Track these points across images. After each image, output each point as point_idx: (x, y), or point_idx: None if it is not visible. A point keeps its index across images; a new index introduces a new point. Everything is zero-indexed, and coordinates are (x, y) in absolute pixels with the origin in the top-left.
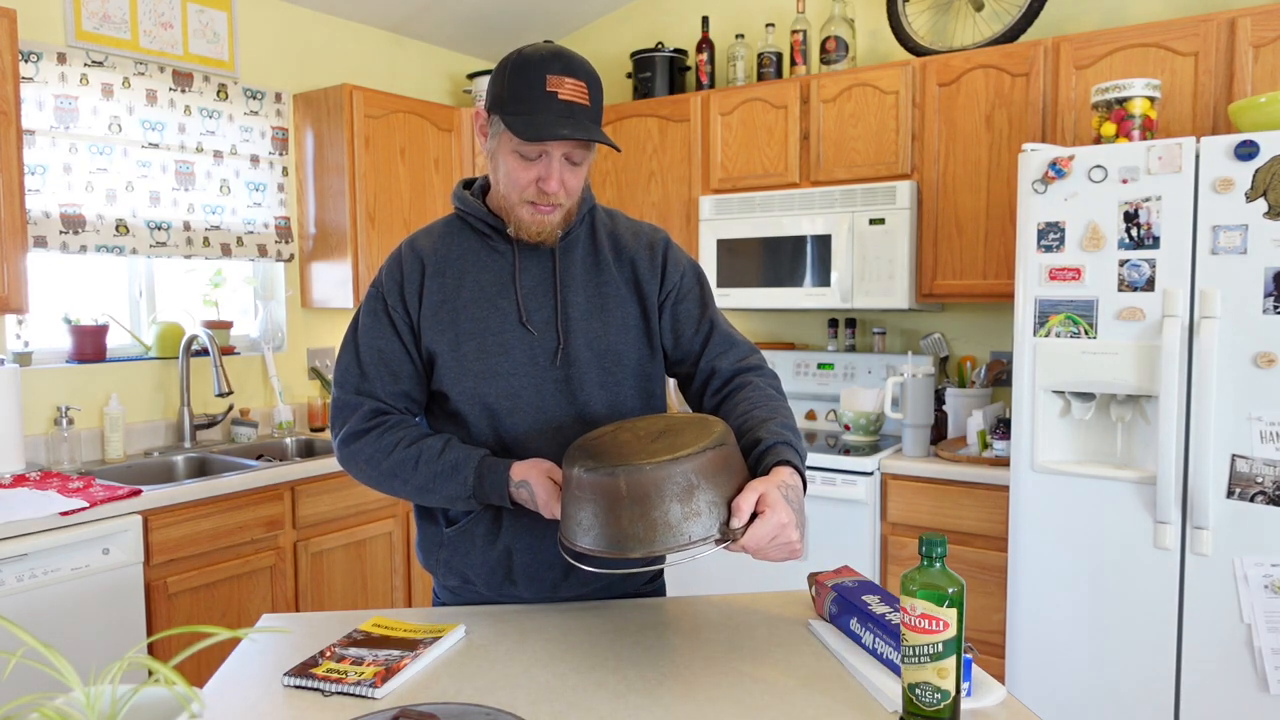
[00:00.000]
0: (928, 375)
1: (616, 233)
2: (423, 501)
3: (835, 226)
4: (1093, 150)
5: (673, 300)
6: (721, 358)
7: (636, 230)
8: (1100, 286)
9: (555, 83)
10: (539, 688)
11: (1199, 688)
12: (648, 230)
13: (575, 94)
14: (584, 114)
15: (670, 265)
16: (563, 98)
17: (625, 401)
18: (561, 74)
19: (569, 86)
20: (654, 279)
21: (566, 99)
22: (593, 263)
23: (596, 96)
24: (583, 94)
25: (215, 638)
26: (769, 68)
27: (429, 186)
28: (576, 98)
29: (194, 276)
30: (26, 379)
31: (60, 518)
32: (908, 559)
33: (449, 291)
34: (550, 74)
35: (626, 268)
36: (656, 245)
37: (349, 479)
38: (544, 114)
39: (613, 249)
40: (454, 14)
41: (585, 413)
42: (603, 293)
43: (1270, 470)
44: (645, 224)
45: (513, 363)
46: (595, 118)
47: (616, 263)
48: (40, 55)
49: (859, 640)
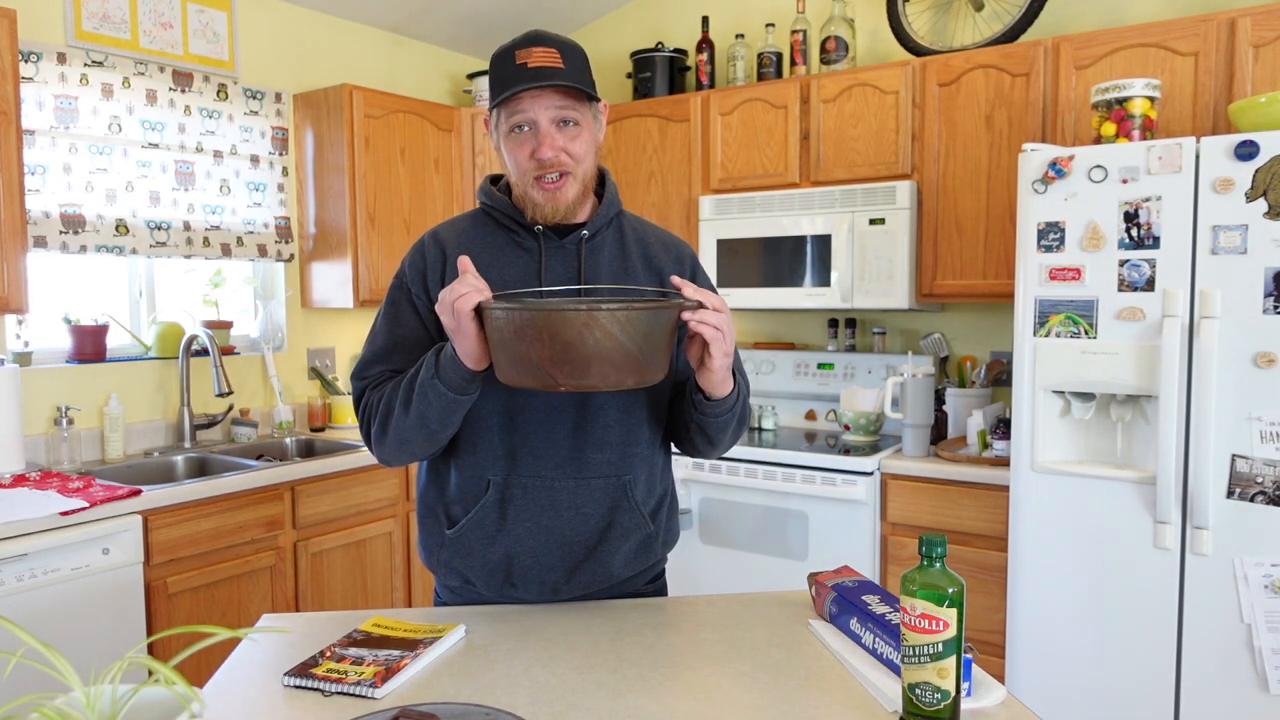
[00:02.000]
0: (928, 375)
1: (646, 241)
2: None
3: (835, 226)
4: (1093, 150)
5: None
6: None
7: (666, 242)
8: (1100, 286)
9: (524, 54)
10: (539, 688)
11: (1199, 688)
12: (676, 244)
13: (545, 59)
14: (557, 75)
15: (697, 279)
16: (532, 65)
17: (638, 408)
18: (530, 46)
19: (537, 54)
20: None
21: (536, 65)
22: (620, 266)
23: (573, 60)
24: (553, 58)
25: (215, 638)
26: (769, 68)
27: (429, 186)
28: (546, 62)
29: (194, 276)
30: (26, 379)
31: (60, 518)
32: (908, 559)
33: None
34: (519, 49)
35: (654, 277)
36: (685, 261)
37: (349, 479)
38: (516, 82)
39: (641, 255)
40: (454, 14)
41: (597, 417)
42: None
43: (1270, 470)
44: (673, 236)
45: None
46: (572, 77)
47: (645, 270)
48: (40, 55)
49: (859, 640)
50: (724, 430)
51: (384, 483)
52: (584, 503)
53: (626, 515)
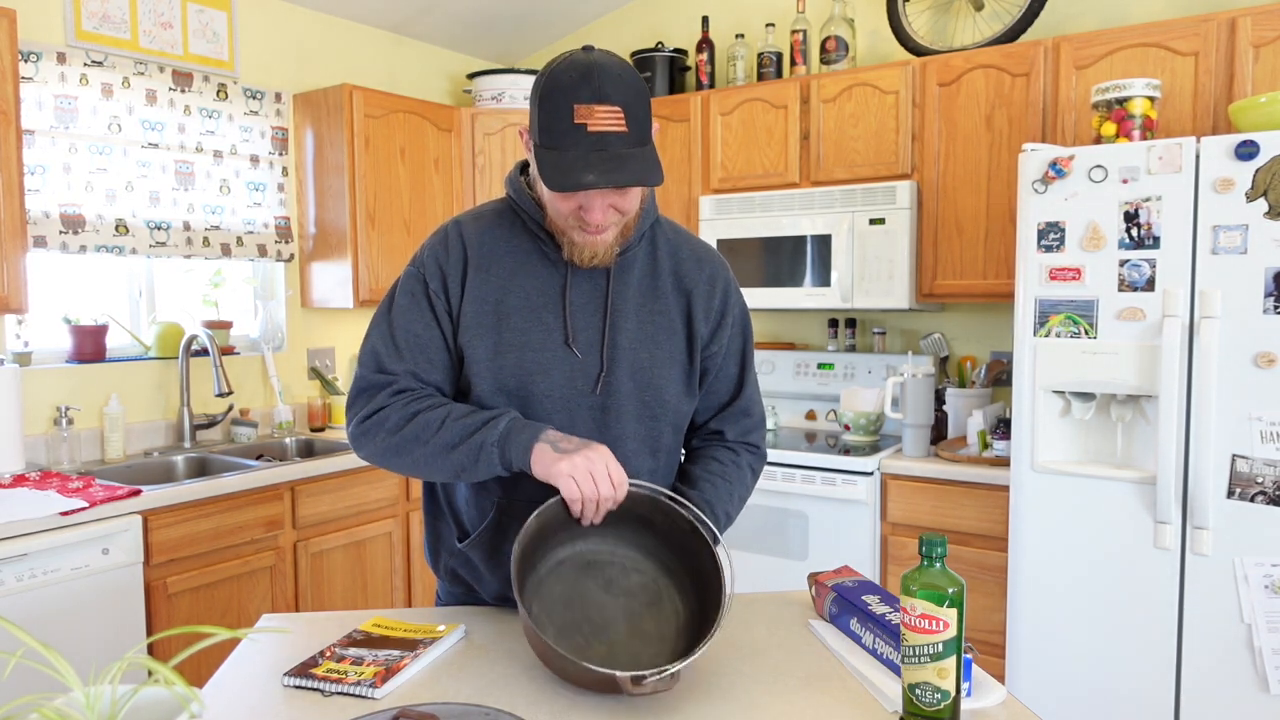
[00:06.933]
0: (928, 375)
1: (679, 257)
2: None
3: (835, 226)
4: (1093, 150)
5: (719, 357)
6: (731, 426)
7: (700, 258)
8: (1100, 286)
9: (584, 113)
10: (539, 688)
11: (1199, 687)
12: (710, 260)
13: (608, 122)
14: (619, 142)
15: (727, 317)
16: (592, 129)
17: (660, 438)
18: (591, 101)
19: (600, 116)
20: (707, 324)
21: (597, 130)
22: (650, 286)
23: (637, 113)
24: (617, 120)
25: (215, 638)
26: (769, 68)
27: (429, 186)
28: (609, 127)
29: (194, 276)
30: (26, 379)
31: (60, 518)
32: (908, 559)
33: (494, 291)
34: (578, 103)
35: (683, 299)
36: (717, 282)
37: (349, 479)
38: (572, 150)
39: (673, 273)
40: (454, 14)
41: (617, 446)
42: (655, 322)
43: (1270, 470)
44: (709, 250)
45: (550, 384)
46: (637, 140)
47: (675, 291)
48: (40, 55)
49: (859, 640)
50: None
51: (384, 483)
52: None
53: None
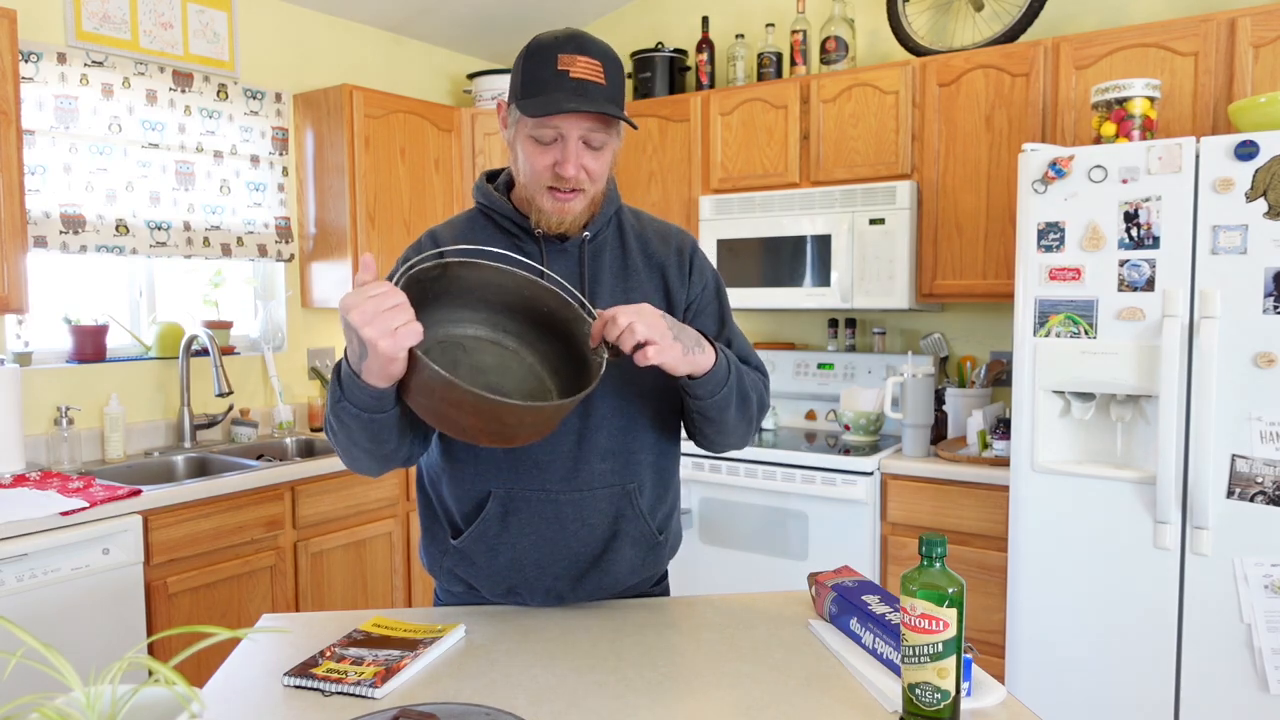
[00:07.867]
0: (928, 375)
1: (645, 235)
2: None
3: (835, 226)
4: (1093, 150)
5: (692, 314)
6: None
7: (664, 234)
8: (1100, 286)
9: (567, 61)
10: (539, 688)
11: (1198, 687)
12: (675, 234)
13: (588, 72)
14: (599, 92)
15: (695, 275)
16: (574, 75)
17: (643, 416)
18: (574, 53)
19: (581, 64)
20: (681, 288)
21: (579, 76)
22: (621, 267)
23: (614, 76)
24: (597, 72)
25: (215, 638)
26: (769, 68)
27: (429, 186)
28: (590, 75)
29: (194, 276)
30: (26, 379)
31: (60, 518)
32: (908, 559)
33: None
34: (562, 53)
35: (656, 274)
36: (684, 250)
37: (349, 479)
38: (555, 92)
39: (642, 252)
40: (454, 14)
41: (600, 428)
42: (631, 297)
43: (1270, 470)
44: (672, 226)
45: None
46: (612, 97)
47: (646, 268)
48: (40, 55)
49: (859, 640)
50: (724, 411)
51: (384, 482)
52: (589, 513)
53: (632, 524)
